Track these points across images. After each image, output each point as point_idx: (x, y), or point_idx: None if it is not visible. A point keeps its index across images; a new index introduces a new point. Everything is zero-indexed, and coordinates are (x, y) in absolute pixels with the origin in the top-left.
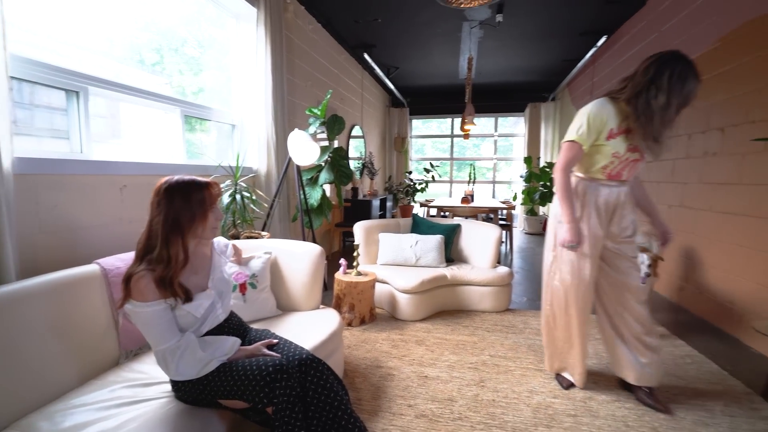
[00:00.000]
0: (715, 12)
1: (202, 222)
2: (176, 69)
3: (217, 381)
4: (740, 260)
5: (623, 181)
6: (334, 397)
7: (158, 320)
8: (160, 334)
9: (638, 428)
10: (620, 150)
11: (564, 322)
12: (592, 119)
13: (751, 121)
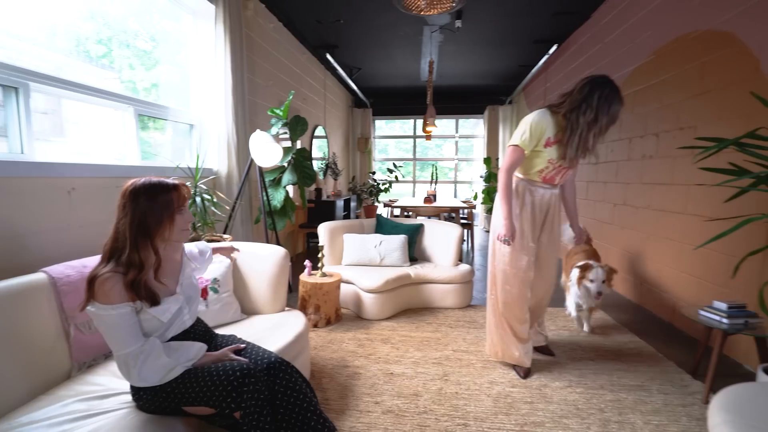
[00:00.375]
0: (650, 27)
1: (170, 224)
2: (126, 63)
3: (181, 387)
4: (672, 253)
5: (555, 185)
6: (303, 399)
7: (122, 324)
8: (124, 338)
9: (587, 410)
10: (554, 157)
11: (504, 307)
12: (534, 127)
13: (680, 127)
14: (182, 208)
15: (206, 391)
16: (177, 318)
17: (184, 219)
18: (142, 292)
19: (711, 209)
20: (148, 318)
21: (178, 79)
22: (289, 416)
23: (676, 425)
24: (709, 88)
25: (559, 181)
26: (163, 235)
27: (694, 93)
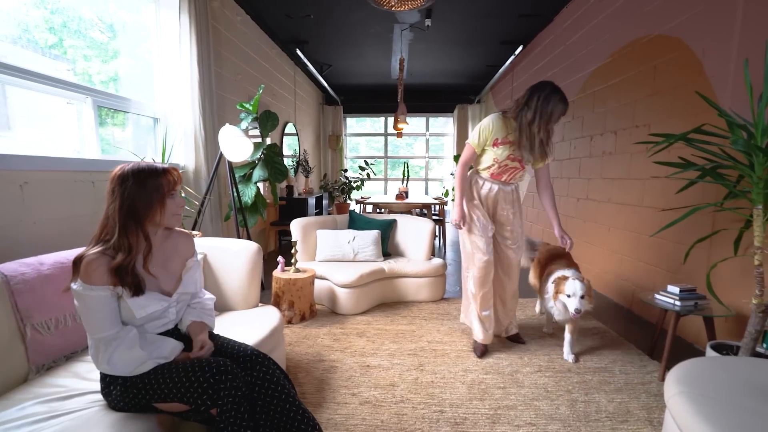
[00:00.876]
0: (607, 31)
1: (161, 208)
2: (80, 54)
3: (154, 383)
4: (630, 243)
5: (504, 182)
6: (282, 391)
7: (101, 307)
8: (100, 321)
9: (556, 391)
10: (500, 157)
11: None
12: (483, 128)
13: (636, 125)
14: (173, 192)
15: (180, 388)
16: (158, 317)
17: (176, 203)
18: (127, 278)
19: (664, 201)
20: (126, 307)
21: (140, 71)
22: (268, 409)
23: (636, 401)
24: (661, 89)
25: (507, 179)
26: (154, 219)
27: (648, 93)
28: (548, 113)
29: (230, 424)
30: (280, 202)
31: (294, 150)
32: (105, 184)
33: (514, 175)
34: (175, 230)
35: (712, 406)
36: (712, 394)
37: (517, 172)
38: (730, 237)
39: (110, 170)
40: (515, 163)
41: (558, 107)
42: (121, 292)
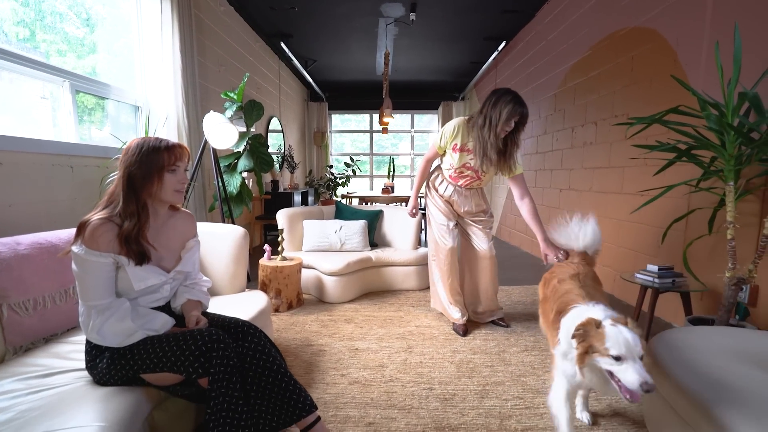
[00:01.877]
0: (586, 25)
1: (158, 182)
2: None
3: (143, 354)
4: (611, 230)
5: (461, 186)
6: (273, 362)
7: (99, 273)
8: (95, 288)
9: (542, 368)
10: (456, 163)
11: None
12: (446, 132)
13: (615, 115)
14: (174, 167)
15: (171, 357)
16: (153, 291)
17: (177, 179)
18: (133, 246)
19: (643, 186)
20: (124, 278)
21: (120, 58)
22: (260, 380)
23: None
24: (638, 79)
25: (462, 184)
26: (151, 191)
27: (625, 84)
28: (498, 115)
29: (221, 393)
30: (265, 196)
31: (279, 145)
32: (84, 169)
33: (470, 183)
34: (180, 211)
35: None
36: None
37: (473, 182)
38: (705, 217)
39: (89, 155)
40: (470, 171)
41: (507, 108)
42: (122, 262)
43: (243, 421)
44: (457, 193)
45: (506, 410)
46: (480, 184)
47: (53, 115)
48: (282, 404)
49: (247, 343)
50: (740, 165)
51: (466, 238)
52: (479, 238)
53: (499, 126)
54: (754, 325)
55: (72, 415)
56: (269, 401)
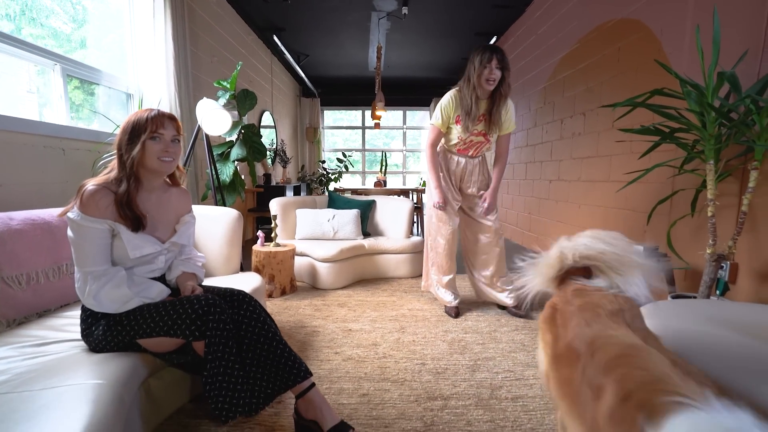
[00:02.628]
0: (575, 18)
1: (141, 148)
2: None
3: (140, 319)
4: (600, 217)
5: (470, 156)
6: (268, 329)
7: (96, 240)
8: (91, 254)
9: (532, 345)
10: (462, 133)
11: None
12: (444, 106)
13: (603, 105)
14: (156, 135)
15: (168, 321)
16: (148, 262)
17: (160, 147)
18: (128, 211)
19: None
20: (118, 246)
21: (111, 48)
22: (255, 346)
23: None
24: (625, 69)
25: (473, 153)
26: (134, 157)
27: (612, 74)
28: (473, 68)
29: (218, 357)
30: (257, 189)
31: (271, 140)
32: (75, 152)
33: (480, 148)
34: (177, 186)
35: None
36: (668, 323)
37: (483, 146)
38: (689, 198)
39: (81, 138)
40: (478, 137)
41: (477, 57)
42: (118, 229)
43: (240, 384)
44: (469, 164)
45: (497, 382)
46: (489, 148)
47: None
48: (277, 370)
49: (243, 311)
50: (720, 144)
51: (469, 216)
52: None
53: (475, 77)
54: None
55: (68, 375)
56: (264, 368)
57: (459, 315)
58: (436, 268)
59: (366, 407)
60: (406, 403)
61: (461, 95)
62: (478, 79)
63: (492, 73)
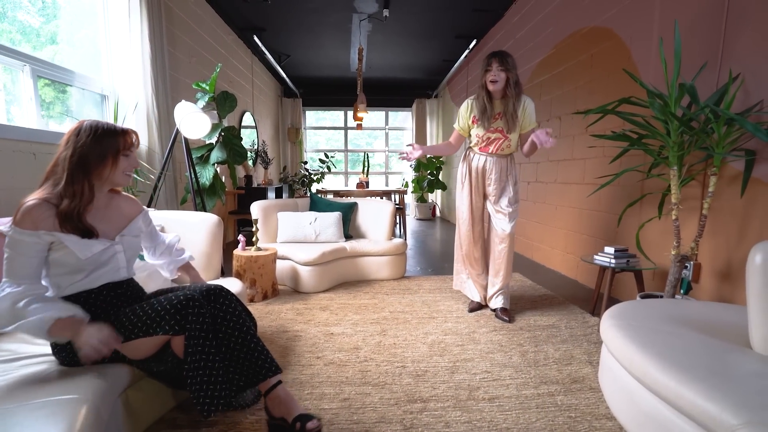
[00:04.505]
0: (551, 24)
1: (113, 165)
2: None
3: (116, 323)
4: (574, 218)
5: (491, 153)
6: (243, 324)
7: (28, 253)
8: (20, 267)
9: (509, 345)
10: (481, 132)
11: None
12: (461, 113)
13: (577, 110)
14: (128, 152)
15: (146, 320)
16: (105, 259)
17: (129, 163)
18: (76, 224)
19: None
20: (66, 254)
21: (84, 47)
22: (229, 339)
23: (579, 348)
24: (597, 75)
25: (494, 150)
26: (102, 174)
27: (586, 80)
28: (481, 72)
29: (198, 351)
30: (238, 191)
31: (252, 140)
32: (47, 157)
33: (501, 145)
34: (120, 193)
35: (636, 330)
36: (636, 323)
37: (503, 142)
38: (656, 202)
39: (54, 143)
40: (496, 134)
41: (482, 62)
42: (61, 238)
43: (221, 377)
44: (490, 163)
45: (475, 383)
46: (510, 145)
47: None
48: (249, 364)
49: (219, 305)
50: (682, 151)
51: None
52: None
53: (482, 80)
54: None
55: (42, 391)
56: (237, 361)
57: (474, 311)
58: (462, 261)
59: (347, 411)
60: (386, 407)
61: (476, 99)
62: (484, 81)
63: (494, 75)
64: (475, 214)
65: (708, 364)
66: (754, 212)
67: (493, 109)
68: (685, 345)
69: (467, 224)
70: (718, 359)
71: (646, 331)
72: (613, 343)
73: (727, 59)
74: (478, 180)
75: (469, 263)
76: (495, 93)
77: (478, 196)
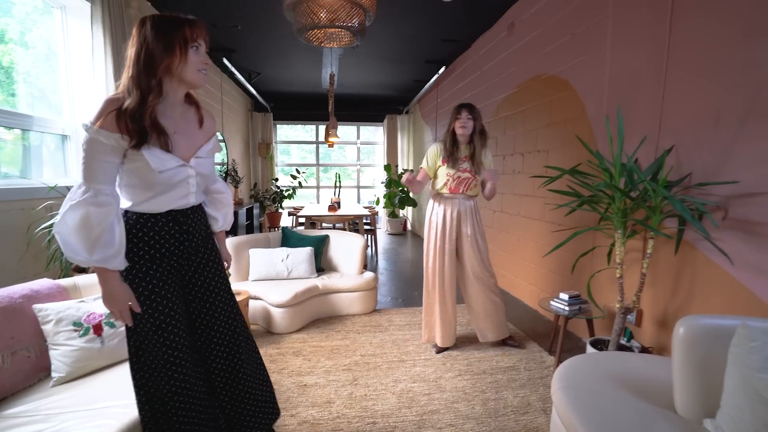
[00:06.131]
0: (514, 64)
1: (182, 57)
2: None
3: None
4: (534, 252)
5: (462, 193)
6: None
7: (90, 152)
8: (92, 169)
9: (472, 393)
10: (451, 170)
11: (430, 299)
12: (429, 155)
13: (538, 150)
14: (196, 44)
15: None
16: (177, 181)
17: (199, 58)
18: (144, 123)
19: (560, 218)
20: (138, 167)
21: (45, 84)
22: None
23: (535, 394)
24: (556, 121)
25: (463, 190)
26: (171, 67)
27: (546, 123)
28: (451, 119)
29: None
30: None
31: (222, 159)
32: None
33: (469, 184)
34: (199, 106)
35: (577, 394)
36: (580, 385)
37: (471, 181)
38: (606, 251)
39: (12, 199)
40: (465, 173)
41: (453, 111)
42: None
43: None
44: (463, 206)
45: None
46: (476, 185)
47: None
48: None
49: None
50: (625, 218)
51: (461, 261)
52: (473, 261)
53: (453, 126)
54: (640, 343)
55: None
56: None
57: (440, 352)
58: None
59: None
60: None
61: (443, 143)
62: (453, 128)
63: (463, 122)
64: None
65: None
66: (685, 269)
67: (461, 152)
68: (620, 413)
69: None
70: (647, 429)
71: (587, 396)
72: (559, 407)
73: (665, 132)
74: (452, 225)
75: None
76: (463, 138)
77: (450, 243)
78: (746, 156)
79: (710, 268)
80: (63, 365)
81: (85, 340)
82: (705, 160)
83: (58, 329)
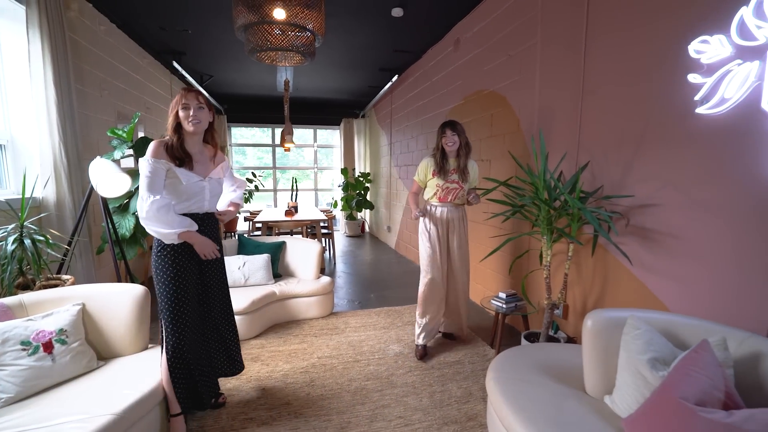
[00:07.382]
0: (460, 78)
1: (182, 115)
2: None
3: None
4: (481, 253)
5: (450, 202)
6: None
7: (151, 175)
8: (151, 184)
9: (420, 387)
10: (440, 181)
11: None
12: (420, 169)
13: (482, 159)
14: (185, 105)
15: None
16: (196, 191)
17: (185, 114)
18: (175, 152)
19: (499, 224)
20: (173, 182)
21: None
22: None
23: (476, 385)
24: (496, 133)
25: (451, 199)
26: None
27: (488, 135)
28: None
29: None
30: None
31: None
32: None
33: (457, 193)
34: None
35: (506, 382)
36: (509, 375)
37: (459, 191)
38: (538, 254)
39: None
40: (453, 184)
41: (439, 129)
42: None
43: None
44: (452, 213)
45: (389, 430)
46: (463, 195)
47: None
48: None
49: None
50: (550, 225)
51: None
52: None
53: (439, 142)
54: (566, 333)
55: None
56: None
57: (423, 358)
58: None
59: None
60: None
61: (434, 157)
62: (441, 144)
63: (449, 139)
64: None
65: (550, 413)
66: (599, 269)
67: (449, 165)
68: (538, 395)
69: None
70: (558, 407)
71: (514, 383)
72: (491, 394)
73: (582, 149)
74: (439, 232)
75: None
76: (450, 153)
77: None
78: (641, 173)
79: (618, 267)
80: (12, 386)
81: (34, 359)
82: (613, 174)
83: (4, 350)
